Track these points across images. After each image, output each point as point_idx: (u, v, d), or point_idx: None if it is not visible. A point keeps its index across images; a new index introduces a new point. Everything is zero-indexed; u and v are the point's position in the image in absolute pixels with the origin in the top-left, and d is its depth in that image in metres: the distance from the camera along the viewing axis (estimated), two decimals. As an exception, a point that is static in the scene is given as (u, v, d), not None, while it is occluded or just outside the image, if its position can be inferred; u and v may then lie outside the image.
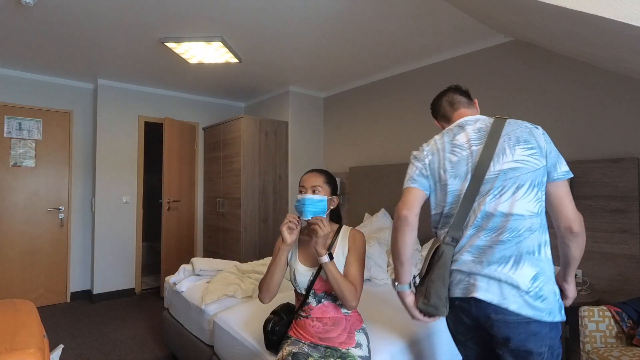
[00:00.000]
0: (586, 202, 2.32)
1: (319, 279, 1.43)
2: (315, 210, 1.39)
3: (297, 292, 1.50)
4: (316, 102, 4.59)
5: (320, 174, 1.49)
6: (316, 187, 1.44)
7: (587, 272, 2.32)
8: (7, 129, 3.74)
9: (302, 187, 1.47)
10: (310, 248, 1.44)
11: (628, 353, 1.68)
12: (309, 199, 1.40)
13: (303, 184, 1.47)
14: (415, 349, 1.70)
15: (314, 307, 1.44)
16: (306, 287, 1.44)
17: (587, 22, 1.45)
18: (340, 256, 1.44)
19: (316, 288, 1.43)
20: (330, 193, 1.47)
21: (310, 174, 1.49)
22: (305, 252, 1.49)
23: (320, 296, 1.44)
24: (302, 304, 1.46)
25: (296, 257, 1.49)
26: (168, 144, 4.19)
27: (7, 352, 1.08)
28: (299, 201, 1.42)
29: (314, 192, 1.43)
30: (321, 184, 1.46)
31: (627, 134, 2.24)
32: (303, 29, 2.74)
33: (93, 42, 3.00)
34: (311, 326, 1.43)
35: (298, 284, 1.46)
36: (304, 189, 1.46)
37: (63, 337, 3.07)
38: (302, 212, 1.39)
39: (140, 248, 4.37)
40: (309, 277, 1.43)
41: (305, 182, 1.47)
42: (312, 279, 1.42)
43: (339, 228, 1.51)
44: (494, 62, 2.91)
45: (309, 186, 1.45)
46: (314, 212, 1.39)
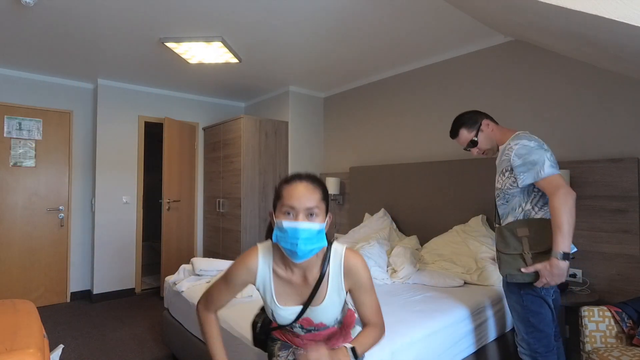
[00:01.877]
0: (586, 202, 2.32)
1: (304, 319, 1.15)
2: (313, 248, 0.99)
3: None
4: (316, 102, 4.59)
5: (315, 186, 1.02)
6: (313, 209, 0.98)
7: (587, 272, 2.32)
8: (7, 129, 3.74)
9: (289, 207, 0.98)
10: (293, 286, 1.11)
11: (628, 353, 1.68)
12: (305, 231, 0.96)
13: (291, 204, 0.97)
14: (416, 348, 1.70)
15: (301, 335, 1.20)
16: (290, 322, 1.15)
17: (587, 22, 1.45)
18: (334, 297, 1.10)
19: (303, 323, 1.16)
20: (325, 212, 1.04)
21: (301, 187, 1.00)
22: (286, 290, 1.11)
23: (309, 329, 1.18)
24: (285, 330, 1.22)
25: (273, 298, 1.11)
26: (168, 144, 4.19)
27: (7, 352, 1.08)
28: (285, 231, 0.97)
29: (311, 216, 0.99)
30: (318, 203, 1.00)
31: (627, 134, 2.24)
32: (303, 29, 2.74)
33: (93, 42, 3.00)
34: (302, 344, 1.23)
35: (278, 322, 1.16)
36: (294, 212, 0.97)
37: (63, 337, 3.07)
38: (292, 251, 0.98)
39: (140, 248, 4.37)
40: (292, 317, 1.13)
41: (294, 200, 0.97)
42: (298, 316, 1.13)
43: (327, 253, 1.11)
44: (494, 62, 2.91)
45: (302, 208, 0.97)
46: (311, 250, 0.99)
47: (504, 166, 1.70)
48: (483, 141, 1.81)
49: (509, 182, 1.68)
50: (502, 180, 1.72)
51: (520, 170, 1.61)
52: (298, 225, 0.96)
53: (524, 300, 1.63)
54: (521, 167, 1.60)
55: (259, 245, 1.14)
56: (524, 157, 1.59)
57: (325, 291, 1.10)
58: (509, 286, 1.70)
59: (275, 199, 1.05)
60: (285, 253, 1.01)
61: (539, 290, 1.61)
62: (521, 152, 1.61)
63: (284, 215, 0.99)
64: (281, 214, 1.00)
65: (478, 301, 2.17)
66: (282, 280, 1.11)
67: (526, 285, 1.61)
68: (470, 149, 1.86)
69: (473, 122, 1.82)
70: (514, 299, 1.68)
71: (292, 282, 1.10)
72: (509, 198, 1.70)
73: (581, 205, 2.34)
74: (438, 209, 3.17)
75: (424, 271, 2.59)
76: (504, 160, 1.70)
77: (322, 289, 1.09)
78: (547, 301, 1.63)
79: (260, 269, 1.10)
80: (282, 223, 0.98)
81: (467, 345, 2.00)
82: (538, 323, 1.63)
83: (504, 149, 1.72)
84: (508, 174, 1.68)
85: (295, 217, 0.97)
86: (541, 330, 1.63)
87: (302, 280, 1.10)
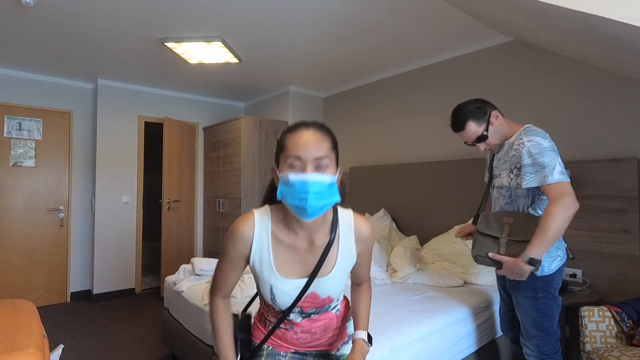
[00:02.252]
0: (586, 202, 2.32)
1: (309, 296, 0.98)
2: (324, 204, 0.85)
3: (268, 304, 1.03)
4: (316, 102, 4.59)
5: (324, 134, 0.89)
6: (322, 160, 0.85)
7: (587, 272, 2.32)
8: (7, 129, 3.74)
9: (295, 158, 0.85)
10: (297, 252, 0.96)
11: (628, 353, 1.68)
12: (315, 184, 0.83)
13: (298, 154, 0.84)
14: (416, 347, 1.70)
15: (298, 322, 1.04)
16: (289, 305, 0.98)
17: (587, 22, 1.45)
18: (345, 264, 0.99)
19: (303, 306, 1.00)
20: (336, 164, 0.91)
21: (308, 134, 0.86)
22: (288, 259, 0.96)
23: (309, 313, 1.03)
24: (281, 319, 1.02)
25: (273, 269, 0.95)
26: (168, 144, 4.19)
27: (7, 352, 1.08)
28: (292, 185, 0.84)
29: (320, 168, 0.85)
30: (328, 152, 0.87)
31: (627, 134, 2.24)
32: (303, 29, 2.74)
33: (93, 42, 3.00)
34: (295, 338, 1.06)
35: (277, 302, 0.98)
36: (301, 163, 0.84)
37: (63, 337, 3.07)
38: (301, 208, 0.84)
39: (140, 248, 4.37)
40: (295, 294, 0.96)
41: (301, 149, 0.84)
42: (303, 290, 0.96)
43: (335, 214, 0.99)
44: (494, 62, 2.91)
45: (310, 158, 0.84)
46: (322, 207, 0.85)
47: (514, 162, 1.59)
48: (493, 135, 1.63)
49: (517, 181, 1.59)
50: (510, 178, 1.62)
51: (528, 171, 1.50)
52: (307, 178, 0.82)
53: (540, 304, 1.58)
54: (529, 167, 1.50)
55: (254, 210, 0.98)
56: (535, 157, 1.49)
57: (335, 257, 0.97)
58: (522, 289, 1.61)
59: (278, 151, 0.90)
60: (293, 211, 0.87)
61: (554, 292, 1.59)
62: (533, 150, 1.49)
63: (290, 169, 0.85)
64: (286, 168, 0.86)
65: (478, 301, 2.17)
66: (283, 247, 0.95)
67: (543, 289, 1.57)
68: (477, 144, 1.67)
69: (482, 114, 1.62)
70: (528, 303, 1.60)
71: (296, 247, 0.95)
72: (514, 198, 1.64)
73: (581, 205, 2.32)
74: (438, 209, 3.17)
75: (423, 271, 2.59)
76: (513, 155, 1.59)
77: (332, 254, 0.97)
78: (559, 303, 1.61)
79: (257, 235, 0.94)
80: (289, 176, 0.84)
81: (467, 345, 2.00)
82: (550, 326, 1.59)
83: (512, 143, 1.61)
84: (517, 172, 1.58)
85: (303, 169, 0.84)
86: (552, 333, 1.60)
87: (308, 244, 0.96)
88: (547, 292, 1.58)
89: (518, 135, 1.61)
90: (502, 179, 1.67)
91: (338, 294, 1.02)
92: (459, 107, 1.68)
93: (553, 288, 1.59)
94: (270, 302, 0.98)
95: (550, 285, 1.58)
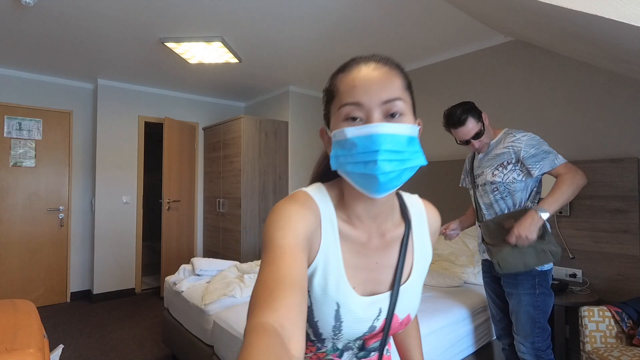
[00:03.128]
0: (586, 202, 2.32)
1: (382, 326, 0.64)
2: (403, 168, 0.55)
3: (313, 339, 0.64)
4: (316, 102, 4.59)
5: (391, 68, 0.58)
6: (394, 103, 0.55)
7: (587, 272, 2.32)
8: (7, 129, 3.74)
9: (353, 105, 0.56)
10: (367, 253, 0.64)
11: (628, 353, 1.68)
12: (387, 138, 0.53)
13: (356, 98, 0.56)
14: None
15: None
16: (354, 338, 0.64)
17: (587, 22, 1.45)
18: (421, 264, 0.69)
19: (369, 338, 0.66)
20: (413, 110, 0.60)
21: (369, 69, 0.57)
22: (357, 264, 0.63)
23: (369, 350, 0.68)
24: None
25: (344, 277, 0.61)
26: (168, 144, 4.19)
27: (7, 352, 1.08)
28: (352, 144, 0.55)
29: (392, 117, 0.56)
30: (401, 92, 0.57)
31: (627, 134, 2.24)
32: (303, 29, 2.74)
33: (93, 42, 3.00)
34: None
35: (343, 333, 0.61)
36: (362, 111, 0.56)
37: (63, 337, 3.07)
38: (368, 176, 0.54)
39: (140, 248, 4.37)
40: (371, 320, 0.63)
41: (361, 92, 0.55)
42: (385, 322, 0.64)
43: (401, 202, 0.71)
44: (494, 62, 2.91)
45: (375, 103, 0.55)
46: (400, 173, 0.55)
47: (504, 159, 1.69)
48: (486, 133, 1.75)
49: (512, 176, 1.67)
50: (501, 173, 1.70)
51: (535, 160, 1.61)
52: (374, 130, 0.53)
53: (538, 300, 1.65)
54: (536, 156, 1.61)
55: (306, 190, 0.64)
56: (537, 147, 1.62)
57: (411, 257, 0.68)
58: (521, 285, 1.67)
59: (328, 102, 0.62)
60: (355, 185, 0.57)
61: (549, 287, 1.67)
62: (533, 143, 1.63)
63: (346, 123, 0.56)
64: (340, 122, 0.57)
65: (477, 302, 2.17)
66: (351, 244, 0.63)
67: (541, 285, 1.64)
68: (472, 141, 1.73)
69: (478, 114, 1.73)
70: (527, 300, 1.66)
71: (366, 245, 0.64)
72: (510, 192, 1.69)
73: (581, 205, 2.34)
74: (437, 209, 3.16)
75: (424, 271, 2.59)
76: (503, 153, 1.70)
77: (408, 253, 0.67)
78: (553, 299, 1.69)
79: (325, 225, 0.61)
80: (346, 132, 0.55)
81: (466, 346, 2.00)
82: (545, 322, 1.67)
83: (498, 142, 1.75)
84: (511, 167, 1.67)
85: (367, 120, 0.55)
86: (546, 329, 1.67)
87: (379, 240, 0.65)
88: (544, 288, 1.65)
89: (504, 135, 1.75)
90: (486, 176, 1.76)
91: (416, 311, 0.70)
92: (453, 107, 1.76)
93: (548, 283, 1.67)
94: (329, 332, 0.61)
95: (546, 281, 1.66)
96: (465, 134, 1.72)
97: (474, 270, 2.49)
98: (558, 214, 2.41)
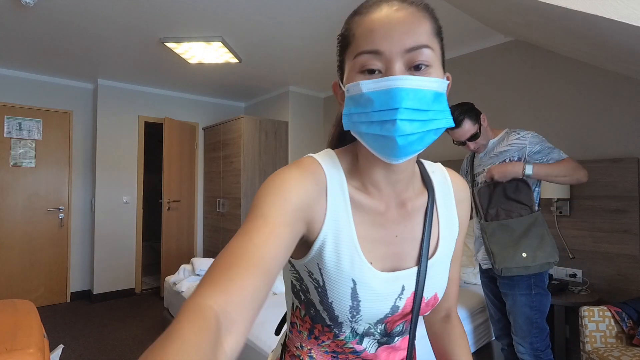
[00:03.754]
0: (586, 202, 2.32)
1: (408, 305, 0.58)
2: (427, 129, 0.48)
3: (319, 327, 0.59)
4: (316, 102, 4.59)
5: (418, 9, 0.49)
6: (421, 51, 0.47)
7: (587, 272, 2.32)
8: (7, 129, 3.73)
9: (371, 53, 0.47)
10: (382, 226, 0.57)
11: (628, 353, 1.68)
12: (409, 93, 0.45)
13: (375, 46, 0.47)
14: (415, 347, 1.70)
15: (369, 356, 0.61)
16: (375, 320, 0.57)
17: (587, 22, 1.45)
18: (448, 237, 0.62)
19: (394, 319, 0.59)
20: (442, 62, 0.51)
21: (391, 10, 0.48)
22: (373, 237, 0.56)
23: (393, 333, 0.61)
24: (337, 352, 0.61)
25: (358, 251, 0.54)
26: (168, 144, 4.19)
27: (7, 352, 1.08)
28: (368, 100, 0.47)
29: (417, 69, 0.47)
30: (429, 39, 0.48)
31: (627, 134, 2.24)
32: (303, 29, 2.74)
33: (93, 42, 3.00)
34: None
35: (362, 315, 0.55)
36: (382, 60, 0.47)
37: (63, 337, 3.07)
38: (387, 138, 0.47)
39: (140, 248, 4.37)
40: (393, 298, 0.56)
41: (380, 36, 0.47)
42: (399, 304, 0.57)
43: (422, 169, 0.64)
44: (494, 62, 2.91)
45: (396, 51, 0.46)
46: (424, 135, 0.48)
47: (507, 156, 1.72)
48: (483, 135, 1.76)
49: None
50: None
51: (542, 155, 1.67)
52: (394, 84, 0.46)
53: (534, 300, 1.65)
54: (542, 152, 1.67)
55: (313, 155, 0.58)
56: (541, 143, 1.68)
57: (437, 229, 0.61)
58: (518, 287, 1.68)
59: (342, 51, 0.55)
60: (371, 148, 0.51)
61: (545, 287, 1.67)
62: (537, 140, 1.69)
63: (362, 75, 0.49)
64: (355, 74, 0.50)
65: (477, 301, 2.17)
66: (365, 214, 0.56)
67: (537, 285, 1.65)
68: (468, 143, 1.75)
69: (475, 115, 1.74)
70: (524, 301, 1.67)
71: (384, 215, 0.57)
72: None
73: (581, 205, 2.34)
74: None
75: (424, 271, 2.58)
76: (506, 150, 1.73)
77: (434, 224, 0.61)
78: (550, 299, 1.69)
79: (331, 192, 0.54)
80: (361, 85, 0.48)
81: (467, 345, 2.00)
82: (542, 322, 1.67)
83: (500, 141, 1.78)
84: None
85: (386, 71, 0.47)
86: (544, 329, 1.67)
87: (398, 210, 0.58)
88: (540, 289, 1.66)
89: (506, 134, 1.78)
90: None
91: (443, 290, 0.63)
92: (453, 107, 1.74)
93: (544, 284, 1.68)
94: (347, 315, 0.55)
95: (542, 281, 1.67)
96: (461, 135, 1.74)
97: (474, 270, 2.49)
98: (558, 214, 2.41)
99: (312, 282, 0.56)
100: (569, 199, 2.37)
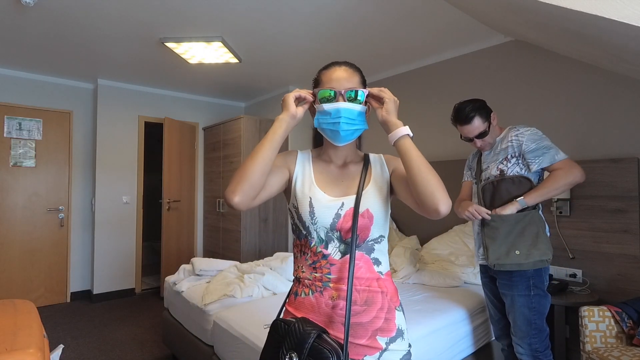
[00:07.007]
0: (586, 202, 2.32)
1: (348, 215, 0.93)
2: (355, 129, 0.95)
3: (303, 241, 0.98)
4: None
5: (354, 70, 0.99)
6: (353, 90, 0.94)
7: (587, 272, 2.32)
8: (7, 129, 3.74)
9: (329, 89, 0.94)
10: (332, 172, 1.02)
11: (628, 353, 1.68)
12: (346, 110, 0.92)
13: (331, 86, 0.95)
14: (415, 347, 1.70)
15: (336, 262, 0.93)
16: (328, 225, 0.93)
17: (587, 22, 1.45)
18: (379, 180, 1.00)
19: (343, 227, 0.93)
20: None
21: (340, 70, 0.97)
22: (326, 178, 1.00)
23: (348, 242, 0.93)
24: (315, 260, 0.94)
25: (313, 182, 0.98)
26: (168, 144, 4.19)
27: (7, 352, 1.08)
28: (327, 113, 0.93)
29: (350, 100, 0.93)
30: (358, 85, 0.97)
31: (627, 134, 2.24)
32: (303, 29, 2.74)
33: (93, 42, 3.00)
34: (330, 305, 0.91)
35: (317, 217, 0.93)
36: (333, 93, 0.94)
37: (63, 337, 3.07)
38: (334, 131, 0.94)
39: (140, 248, 4.37)
40: (336, 209, 0.93)
41: (334, 82, 0.95)
42: (340, 213, 0.93)
43: (366, 156, 1.08)
44: (494, 62, 2.91)
45: (342, 90, 0.93)
46: (353, 132, 0.95)
47: (508, 153, 1.72)
48: (491, 134, 1.76)
49: (515, 169, 1.70)
50: (505, 167, 1.73)
51: (536, 155, 1.65)
52: (340, 105, 0.91)
53: (533, 301, 1.64)
54: (536, 151, 1.65)
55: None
56: (538, 142, 1.66)
57: (369, 175, 1.01)
58: (517, 287, 1.67)
59: (314, 86, 1.03)
60: (327, 136, 0.97)
61: (544, 288, 1.66)
62: (534, 137, 1.67)
63: (326, 100, 0.94)
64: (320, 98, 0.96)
65: (477, 301, 2.17)
66: (322, 163, 1.03)
67: (536, 286, 1.64)
68: (475, 140, 1.76)
69: (486, 113, 1.74)
70: (522, 302, 1.66)
71: (334, 163, 1.03)
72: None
73: (581, 205, 2.34)
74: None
75: (423, 271, 2.59)
76: (507, 147, 1.73)
77: (368, 173, 1.01)
78: (549, 299, 1.68)
79: (300, 156, 1.05)
80: (324, 106, 0.93)
81: (466, 346, 2.00)
82: (541, 323, 1.66)
83: (503, 138, 1.77)
84: (514, 161, 1.70)
85: (337, 97, 0.93)
86: (543, 330, 1.66)
87: (342, 165, 1.03)
88: (539, 289, 1.65)
89: (508, 131, 1.78)
90: (491, 170, 1.78)
91: (377, 210, 0.95)
92: (464, 102, 1.76)
93: (544, 285, 1.67)
94: (309, 219, 0.94)
95: (541, 282, 1.66)
96: (470, 132, 1.75)
97: (474, 270, 2.49)
98: (558, 214, 2.41)
99: (294, 209, 0.98)
100: (569, 199, 2.37)
